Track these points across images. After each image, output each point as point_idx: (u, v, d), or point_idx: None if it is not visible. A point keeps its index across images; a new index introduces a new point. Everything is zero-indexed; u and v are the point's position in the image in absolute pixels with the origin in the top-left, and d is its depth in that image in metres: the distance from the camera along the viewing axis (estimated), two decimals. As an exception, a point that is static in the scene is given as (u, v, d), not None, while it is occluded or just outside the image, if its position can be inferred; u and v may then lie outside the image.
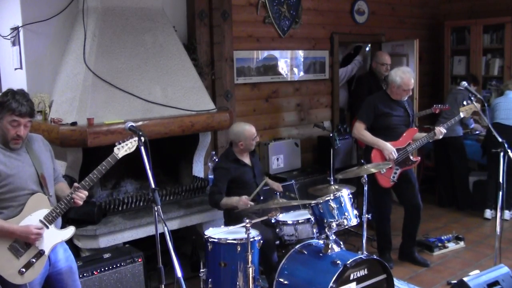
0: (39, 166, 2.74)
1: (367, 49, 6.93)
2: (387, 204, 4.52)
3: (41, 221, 2.69)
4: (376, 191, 4.29)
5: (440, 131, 4.32)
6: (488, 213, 5.67)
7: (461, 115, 4.45)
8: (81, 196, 2.74)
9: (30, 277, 2.64)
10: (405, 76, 4.27)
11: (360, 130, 4.38)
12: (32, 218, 2.67)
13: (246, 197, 3.76)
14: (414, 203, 4.44)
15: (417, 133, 4.46)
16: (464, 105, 4.48)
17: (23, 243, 2.64)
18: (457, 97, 5.81)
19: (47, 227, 2.70)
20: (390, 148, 4.25)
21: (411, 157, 4.35)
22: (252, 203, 3.75)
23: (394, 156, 4.24)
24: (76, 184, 2.77)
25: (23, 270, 2.61)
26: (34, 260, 2.66)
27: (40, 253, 2.69)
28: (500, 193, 3.59)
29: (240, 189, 4.00)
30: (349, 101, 6.87)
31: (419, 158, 4.62)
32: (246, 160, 4.09)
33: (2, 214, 2.62)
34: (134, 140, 2.81)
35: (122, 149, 2.82)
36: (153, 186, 2.61)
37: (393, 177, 4.31)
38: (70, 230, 2.84)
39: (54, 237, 2.75)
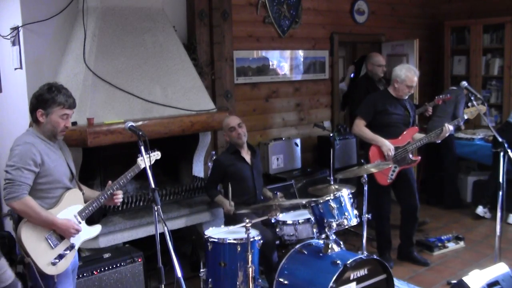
0: (68, 163, 2.89)
1: (352, 75, 6.86)
2: (386, 204, 4.51)
3: (75, 216, 2.82)
4: (374, 190, 4.27)
5: (448, 128, 4.31)
6: (480, 210, 5.68)
7: (465, 116, 4.44)
8: (120, 196, 2.99)
9: (62, 268, 2.75)
10: (410, 72, 4.29)
11: (360, 127, 4.39)
12: (67, 212, 2.79)
13: (232, 207, 3.87)
14: (410, 203, 4.45)
15: (417, 133, 4.46)
16: (468, 107, 4.47)
17: (58, 235, 2.74)
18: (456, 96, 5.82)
19: (79, 222, 2.82)
20: (388, 144, 4.25)
21: (411, 156, 4.35)
22: (233, 208, 3.89)
23: (391, 153, 4.24)
24: (110, 182, 2.94)
25: (56, 261, 2.71)
26: (66, 252, 2.76)
27: (71, 246, 2.80)
28: (500, 193, 3.59)
29: (237, 185, 4.02)
30: (343, 103, 6.94)
31: (419, 157, 4.62)
32: (247, 157, 4.11)
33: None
34: (155, 154, 3.05)
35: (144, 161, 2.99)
36: (153, 186, 2.62)
37: (391, 175, 4.31)
38: (98, 228, 2.99)
39: (84, 233, 2.87)
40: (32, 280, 2.66)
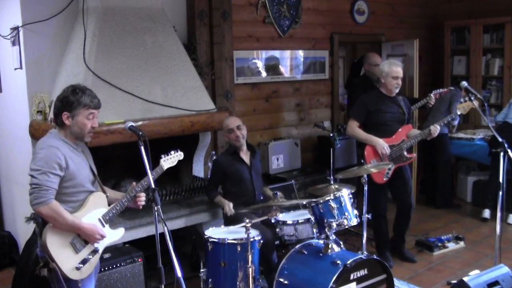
0: (91, 166, 2.86)
1: (346, 101, 6.83)
2: (382, 202, 4.53)
3: (99, 220, 2.79)
4: (371, 189, 4.29)
5: (436, 128, 4.34)
6: (486, 213, 5.66)
7: (458, 112, 4.47)
8: (143, 199, 2.96)
9: (86, 273, 2.73)
10: (393, 64, 4.37)
11: (353, 128, 4.44)
12: (92, 216, 2.76)
13: (231, 208, 3.90)
14: (405, 202, 4.49)
15: (412, 130, 4.48)
16: (461, 102, 4.51)
17: (82, 239, 2.72)
18: (444, 95, 5.84)
19: (103, 226, 2.80)
20: (382, 143, 4.29)
21: (406, 154, 4.38)
22: (232, 211, 3.91)
23: (386, 151, 4.27)
24: (134, 184, 2.90)
25: (80, 265, 2.69)
26: (90, 256, 2.74)
27: (95, 251, 2.78)
28: (500, 193, 3.59)
29: (235, 187, 4.02)
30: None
31: (414, 155, 4.64)
32: (245, 158, 4.11)
33: None
34: (177, 155, 3.11)
35: (167, 161, 3.06)
36: (153, 186, 2.62)
37: (387, 173, 4.33)
38: (121, 231, 2.97)
39: (108, 237, 2.84)
40: (57, 284, 2.64)
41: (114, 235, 2.92)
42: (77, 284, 2.69)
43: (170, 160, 3.09)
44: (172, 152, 3.12)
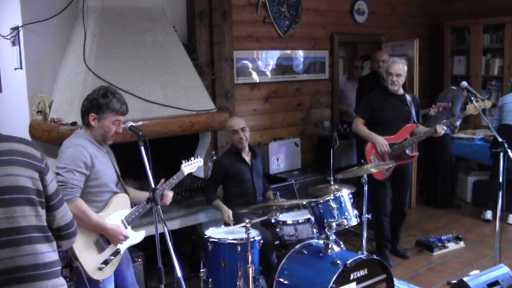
0: (115, 167, 2.88)
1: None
2: (383, 200, 4.54)
3: (122, 221, 2.80)
4: (372, 185, 4.29)
5: (442, 128, 4.35)
6: (489, 214, 5.62)
7: (467, 113, 4.52)
8: (171, 198, 3.02)
9: (108, 273, 2.74)
10: (392, 62, 4.45)
11: (357, 125, 4.51)
12: (115, 217, 2.77)
13: (230, 216, 3.80)
14: (401, 199, 4.60)
15: (417, 128, 4.48)
16: (473, 100, 4.53)
17: (105, 240, 2.72)
18: (447, 95, 5.84)
19: (126, 228, 2.81)
20: (381, 141, 4.32)
21: (408, 152, 4.39)
22: (232, 220, 3.80)
23: (385, 149, 4.31)
24: (163, 180, 2.93)
25: (103, 266, 2.69)
26: (112, 257, 2.74)
27: (117, 252, 2.79)
28: (500, 193, 3.59)
29: (236, 187, 4.02)
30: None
31: (417, 153, 4.66)
32: (247, 158, 4.11)
33: None
34: (197, 161, 3.19)
35: (188, 167, 3.14)
36: (153, 186, 2.62)
37: (387, 170, 4.36)
38: (142, 233, 2.99)
39: (130, 239, 2.85)
40: (79, 284, 2.65)
41: (136, 237, 2.94)
42: (98, 285, 2.70)
43: (190, 166, 3.15)
44: (192, 158, 3.19)
